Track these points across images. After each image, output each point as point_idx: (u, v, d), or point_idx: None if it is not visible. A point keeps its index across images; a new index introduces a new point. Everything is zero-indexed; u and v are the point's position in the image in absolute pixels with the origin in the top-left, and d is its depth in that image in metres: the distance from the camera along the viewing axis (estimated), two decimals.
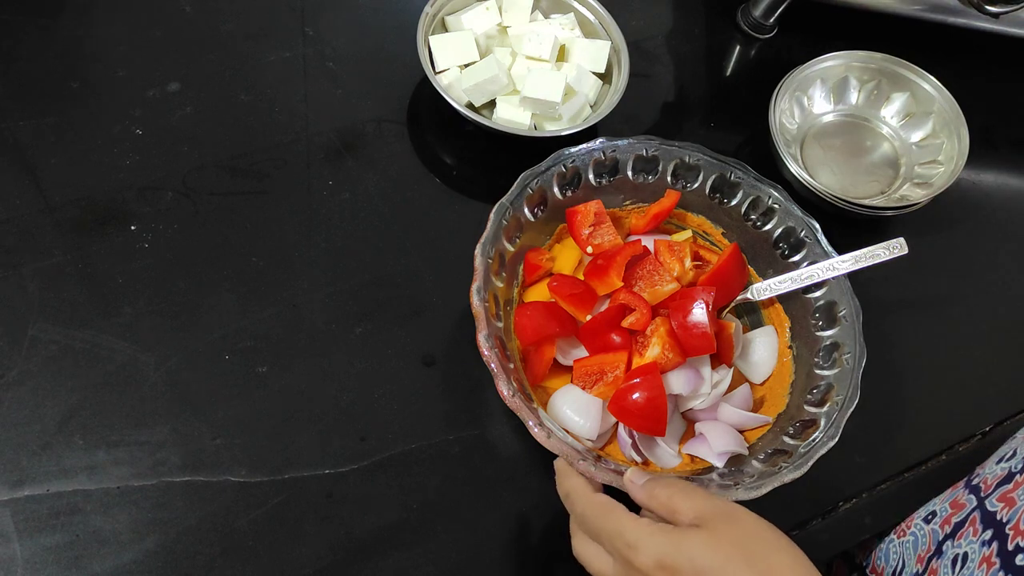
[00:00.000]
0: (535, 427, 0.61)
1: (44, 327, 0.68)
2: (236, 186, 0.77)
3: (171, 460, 0.65)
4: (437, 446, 0.69)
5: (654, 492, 0.55)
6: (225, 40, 0.84)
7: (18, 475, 0.62)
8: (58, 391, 0.66)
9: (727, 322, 0.72)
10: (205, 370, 0.68)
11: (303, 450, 0.67)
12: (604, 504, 0.56)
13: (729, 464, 0.67)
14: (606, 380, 0.68)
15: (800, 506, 0.72)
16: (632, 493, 0.57)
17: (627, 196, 0.77)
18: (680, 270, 0.73)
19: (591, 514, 0.56)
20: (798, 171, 0.82)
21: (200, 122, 0.79)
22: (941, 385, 0.80)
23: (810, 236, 0.73)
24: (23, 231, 0.71)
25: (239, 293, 0.72)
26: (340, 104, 0.83)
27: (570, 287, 0.70)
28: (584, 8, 0.86)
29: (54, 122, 0.76)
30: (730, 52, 0.97)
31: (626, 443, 0.67)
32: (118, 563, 0.61)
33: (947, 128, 0.88)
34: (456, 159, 0.83)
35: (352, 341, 0.72)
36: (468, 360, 0.71)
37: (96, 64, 0.80)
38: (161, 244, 0.73)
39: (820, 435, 0.65)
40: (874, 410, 0.72)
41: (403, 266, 0.76)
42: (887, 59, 0.89)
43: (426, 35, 0.81)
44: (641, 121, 0.89)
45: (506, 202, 0.69)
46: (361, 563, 0.64)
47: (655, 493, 0.55)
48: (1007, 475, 0.59)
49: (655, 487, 0.56)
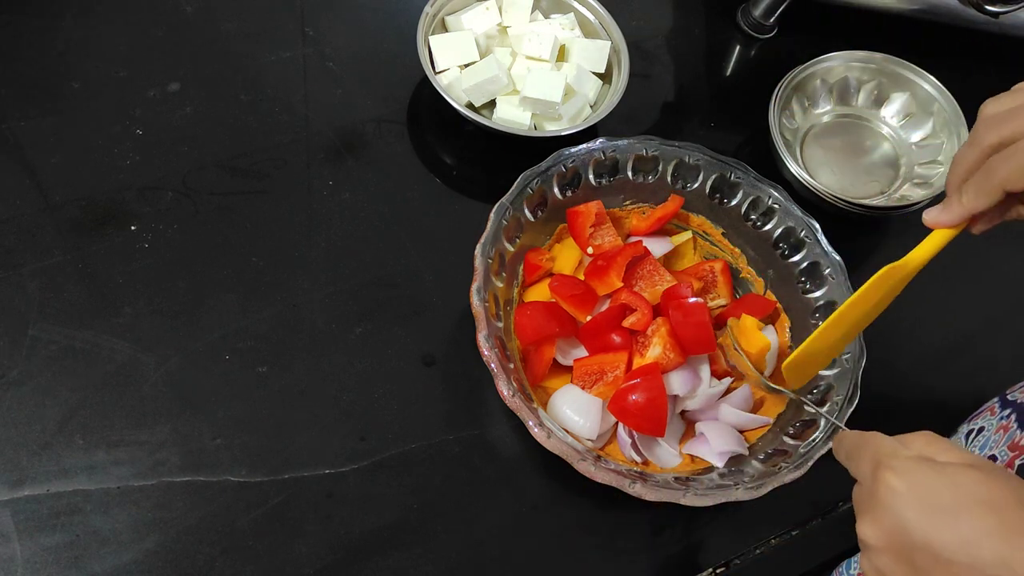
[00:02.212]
0: (535, 427, 0.61)
1: (44, 327, 0.68)
2: (236, 186, 0.77)
3: (171, 460, 0.65)
4: (437, 446, 0.69)
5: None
6: (225, 40, 0.84)
7: (18, 475, 0.62)
8: (58, 391, 0.66)
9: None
10: (205, 370, 0.68)
11: (303, 450, 0.67)
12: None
13: (729, 464, 0.67)
14: (606, 380, 0.68)
15: (800, 506, 0.72)
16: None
17: (627, 196, 0.77)
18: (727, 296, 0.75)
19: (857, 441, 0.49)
20: (798, 171, 0.82)
21: (200, 122, 0.79)
22: (941, 385, 0.80)
23: (810, 236, 0.73)
24: (23, 231, 0.71)
25: (239, 293, 0.72)
26: (340, 104, 0.83)
27: (571, 287, 0.71)
28: (584, 8, 0.86)
29: (54, 122, 0.76)
30: (730, 52, 0.97)
31: (626, 443, 0.67)
32: (118, 563, 0.61)
33: (947, 128, 0.88)
34: (456, 159, 0.83)
35: (352, 341, 0.72)
36: (468, 360, 0.71)
37: (96, 64, 0.80)
38: (161, 244, 0.73)
39: (820, 435, 0.65)
40: (874, 410, 0.72)
41: (403, 266, 0.76)
42: (887, 59, 0.89)
43: (426, 35, 0.81)
44: (641, 121, 0.89)
45: (506, 202, 0.69)
46: (361, 563, 0.64)
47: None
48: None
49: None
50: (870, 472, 0.45)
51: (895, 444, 0.46)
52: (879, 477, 0.44)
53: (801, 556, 0.71)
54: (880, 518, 0.43)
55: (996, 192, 0.52)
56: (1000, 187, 0.52)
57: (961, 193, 0.55)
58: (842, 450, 0.50)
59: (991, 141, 0.52)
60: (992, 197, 0.53)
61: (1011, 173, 0.51)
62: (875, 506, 0.44)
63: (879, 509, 0.44)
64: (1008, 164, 0.51)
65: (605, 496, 0.64)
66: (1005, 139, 0.51)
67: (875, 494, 0.44)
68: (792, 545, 0.71)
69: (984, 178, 0.52)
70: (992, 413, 0.64)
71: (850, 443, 0.49)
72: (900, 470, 0.43)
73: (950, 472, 0.43)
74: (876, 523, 0.44)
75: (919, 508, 0.42)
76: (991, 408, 0.65)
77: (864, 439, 0.48)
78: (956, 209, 0.55)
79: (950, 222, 0.56)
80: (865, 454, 0.47)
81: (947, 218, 0.56)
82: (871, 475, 0.45)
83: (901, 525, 0.42)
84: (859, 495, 0.46)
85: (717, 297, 0.76)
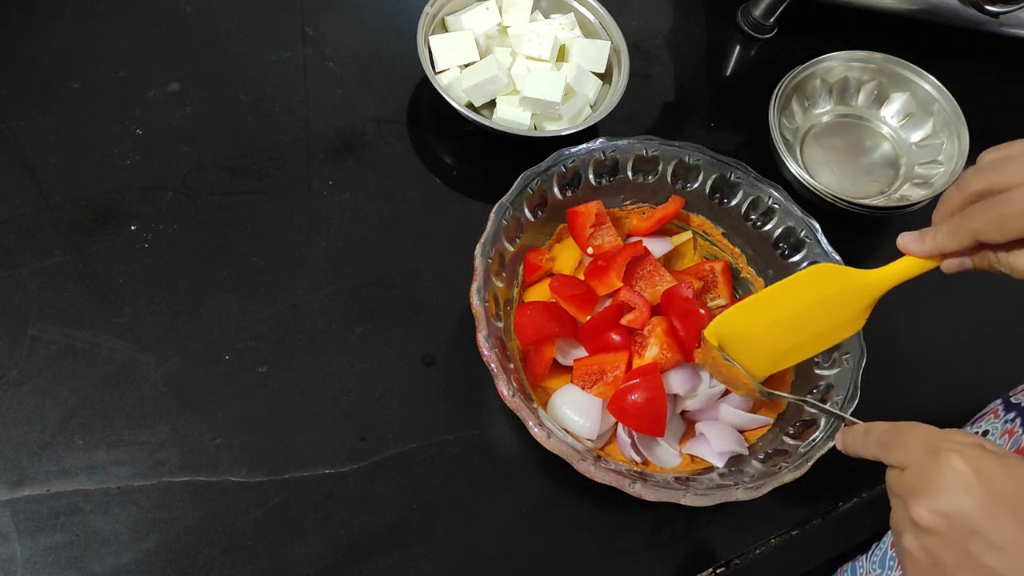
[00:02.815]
0: (535, 427, 0.61)
1: (44, 327, 0.68)
2: (236, 186, 0.77)
3: (171, 460, 0.65)
4: (437, 446, 0.69)
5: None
6: (225, 40, 0.84)
7: (18, 475, 0.62)
8: (58, 391, 0.66)
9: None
10: (205, 370, 0.68)
11: (303, 450, 0.67)
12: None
13: (729, 464, 0.67)
14: (606, 380, 0.68)
15: (800, 506, 0.72)
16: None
17: (627, 196, 0.77)
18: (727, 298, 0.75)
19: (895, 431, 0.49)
20: (798, 171, 0.82)
21: (200, 122, 0.79)
22: (941, 385, 0.80)
23: (810, 236, 0.73)
24: (23, 231, 0.71)
25: (239, 293, 0.72)
26: (340, 104, 0.83)
27: (571, 287, 0.71)
28: (584, 8, 0.86)
29: (54, 122, 0.76)
30: (730, 52, 0.97)
31: (626, 443, 0.67)
32: (118, 563, 0.61)
33: (947, 128, 0.88)
34: (456, 159, 0.83)
35: (352, 341, 0.72)
36: (468, 360, 0.71)
37: (96, 64, 0.80)
38: (161, 244, 0.73)
39: (820, 435, 0.65)
40: (874, 410, 0.72)
41: (403, 266, 0.76)
42: (887, 59, 0.89)
43: (426, 35, 0.81)
44: (641, 121, 0.89)
45: (506, 202, 0.69)
46: (361, 563, 0.64)
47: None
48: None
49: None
50: (926, 455, 0.45)
51: (945, 432, 0.47)
52: (942, 458, 0.44)
53: (801, 556, 0.71)
54: (941, 499, 0.43)
55: (967, 238, 0.52)
56: (972, 235, 0.52)
57: (936, 229, 0.55)
58: (871, 442, 0.50)
59: (976, 188, 0.52)
60: (962, 242, 0.53)
61: (985, 224, 0.51)
62: (935, 487, 0.44)
63: (940, 490, 0.44)
64: (984, 214, 0.51)
65: (605, 496, 0.64)
66: (988, 188, 0.51)
67: (935, 476, 0.44)
68: (792, 545, 0.71)
69: (959, 222, 0.53)
70: (996, 416, 0.64)
71: (886, 434, 0.49)
72: (965, 454, 0.44)
73: (1012, 463, 0.43)
74: (935, 503, 0.44)
75: (982, 494, 0.43)
76: (995, 411, 0.65)
77: (904, 428, 0.48)
78: (927, 242, 0.55)
79: (918, 252, 0.56)
80: (912, 440, 0.47)
81: (916, 247, 0.56)
82: (929, 458, 0.45)
83: (963, 508, 0.43)
84: (907, 479, 0.46)
85: (717, 297, 0.76)
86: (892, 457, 0.48)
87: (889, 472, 0.49)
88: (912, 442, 0.47)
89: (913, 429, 0.48)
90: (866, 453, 0.51)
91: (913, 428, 0.48)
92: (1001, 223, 0.50)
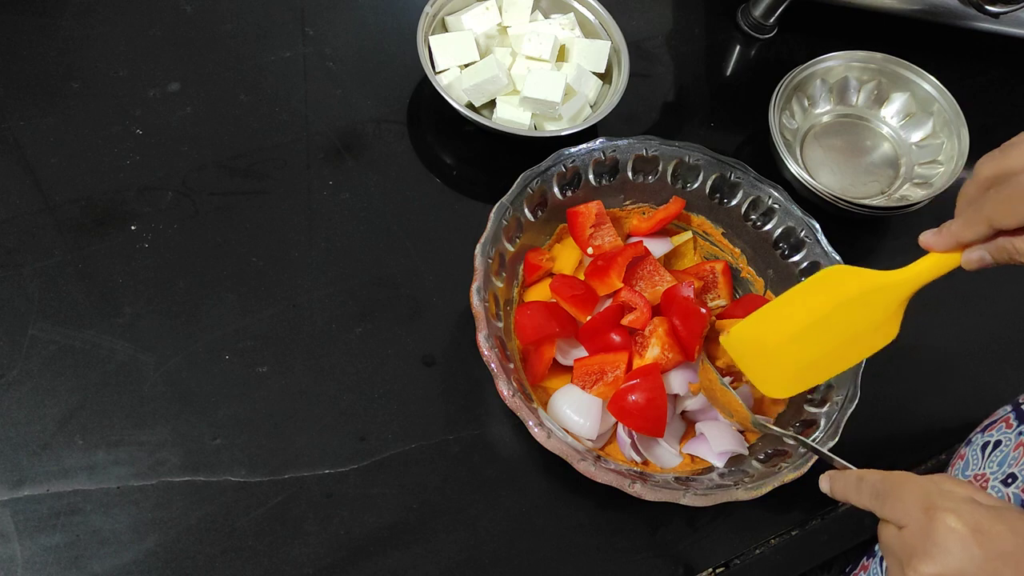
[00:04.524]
0: (535, 427, 0.61)
1: (44, 327, 0.68)
2: (236, 186, 0.77)
3: (171, 460, 0.65)
4: (437, 446, 0.69)
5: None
6: (225, 40, 0.84)
7: (18, 475, 0.62)
8: (58, 391, 0.66)
9: None
10: (205, 370, 0.68)
11: (303, 450, 0.67)
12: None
13: (729, 464, 0.67)
14: (606, 380, 0.68)
15: (800, 506, 0.72)
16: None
17: (627, 196, 0.77)
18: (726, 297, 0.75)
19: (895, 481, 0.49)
20: (798, 171, 0.82)
21: (200, 122, 0.79)
22: (941, 385, 0.80)
23: (810, 236, 0.73)
24: (23, 231, 0.71)
25: (239, 293, 0.72)
26: (340, 104, 0.83)
27: (571, 288, 0.71)
28: (584, 8, 0.86)
29: (54, 122, 0.76)
30: (730, 52, 0.97)
31: (625, 443, 0.67)
32: (118, 563, 0.61)
33: (947, 128, 0.88)
34: (456, 159, 0.83)
35: (352, 341, 0.72)
36: (468, 360, 0.71)
37: (96, 64, 0.80)
38: (161, 244, 0.73)
39: (820, 435, 0.65)
40: (874, 410, 0.72)
41: (403, 266, 0.76)
42: (887, 59, 0.89)
43: (426, 35, 0.81)
44: (641, 121, 0.89)
45: (506, 202, 0.69)
46: (361, 563, 0.64)
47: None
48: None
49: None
50: (921, 514, 0.45)
51: (938, 484, 0.46)
52: (937, 519, 0.44)
53: (801, 556, 0.71)
54: (941, 561, 0.44)
55: (982, 224, 0.52)
56: (985, 221, 0.52)
57: (952, 221, 0.55)
58: (864, 491, 0.50)
59: (986, 174, 0.52)
60: (977, 229, 0.53)
61: (996, 207, 0.51)
62: (934, 549, 0.44)
63: (939, 552, 0.44)
64: (996, 198, 0.51)
65: (605, 496, 0.64)
66: (999, 174, 0.51)
67: (932, 536, 0.44)
68: (792, 545, 0.71)
69: (973, 210, 0.53)
70: (1008, 426, 0.63)
71: (878, 485, 0.49)
72: (960, 512, 0.44)
73: (1008, 517, 0.44)
74: (935, 567, 0.44)
75: (983, 555, 0.43)
76: (1006, 420, 0.64)
77: (899, 481, 0.48)
78: (945, 235, 0.55)
79: (937, 246, 0.56)
80: (907, 496, 0.47)
81: (935, 241, 0.56)
82: (924, 517, 0.45)
83: (963, 569, 0.43)
84: (905, 539, 0.46)
85: (717, 297, 0.76)
86: (888, 512, 0.48)
87: (883, 528, 0.48)
88: (908, 497, 0.47)
89: (908, 482, 0.48)
90: (857, 503, 0.51)
91: (908, 481, 0.48)
92: (1012, 205, 0.50)
